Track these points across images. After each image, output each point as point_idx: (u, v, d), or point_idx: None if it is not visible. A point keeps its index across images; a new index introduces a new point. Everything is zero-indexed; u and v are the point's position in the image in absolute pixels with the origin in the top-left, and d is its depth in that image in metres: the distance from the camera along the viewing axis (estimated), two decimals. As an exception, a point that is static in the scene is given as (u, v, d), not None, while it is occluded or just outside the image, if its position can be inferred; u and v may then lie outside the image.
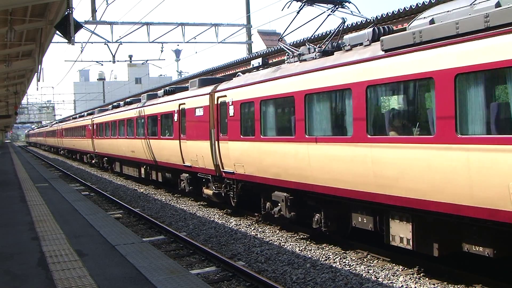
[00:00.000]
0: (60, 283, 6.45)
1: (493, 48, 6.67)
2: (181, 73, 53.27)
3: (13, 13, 14.32)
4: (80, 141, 38.71)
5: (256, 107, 12.16)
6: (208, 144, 14.77)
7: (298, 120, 10.67)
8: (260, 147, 12.00)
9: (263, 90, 11.94)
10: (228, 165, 13.66)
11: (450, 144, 7.25)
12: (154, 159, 20.42)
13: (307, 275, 8.85)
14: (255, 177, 12.36)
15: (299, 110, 10.60)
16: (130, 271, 6.95)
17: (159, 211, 16.35)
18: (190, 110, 16.24)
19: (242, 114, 12.87)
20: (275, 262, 9.77)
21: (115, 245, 8.50)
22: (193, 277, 6.71)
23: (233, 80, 14.08)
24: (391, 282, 8.41)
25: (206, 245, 11.37)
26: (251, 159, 12.39)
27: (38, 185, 18.71)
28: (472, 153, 6.94)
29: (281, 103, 11.64)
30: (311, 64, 10.44)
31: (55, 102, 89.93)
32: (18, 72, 26.01)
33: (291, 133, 11.01)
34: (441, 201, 7.47)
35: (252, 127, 12.37)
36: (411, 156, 7.91)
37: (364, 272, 9.00)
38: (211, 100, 14.72)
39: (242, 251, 10.76)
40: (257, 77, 12.52)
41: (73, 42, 12.50)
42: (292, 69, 11.07)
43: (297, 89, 10.64)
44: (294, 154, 10.72)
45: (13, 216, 11.69)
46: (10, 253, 8.12)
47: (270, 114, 11.97)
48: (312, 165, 10.21)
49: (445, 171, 7.34)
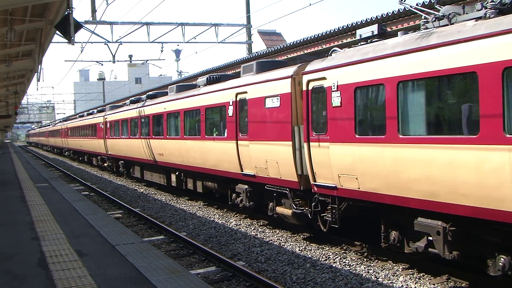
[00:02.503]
0: (60, 283, 6.45)
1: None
2: (181, 73, 53.28)
3: (13, 13, 14.31)
4: (89, 142, 34.60)
5: (388, 92, 8.39)
6: (288, 147, 11.00)
7: (487, 110, 6.86)
8: (395, 153, 8.25)
9: (403, 66, 8.10)
10: (326, 176, 9.89)
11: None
12: (193, 165, 16.39)
13: (307, 275, 8.86)
14: (381, 196, 8.66)
15: (489, 94, 6.83)
16: (130, 271, 6.95)
17: (159, 211, 16.35)
18: (255, 101, 12.29)
19: (358, 103, 9.12)
20: (275, 262, 9.78)
21: (115, 245, 8.51)
22: (193, 277, 6.71)
23: (332, 56, 10.09)
24: (391, 282, 8.42)
25: (206, 245, 11.37)
26: (375, 169, 8.66)
27: (38, 185, 18.70)
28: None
29: (445, 83, 7.70)
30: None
31: (55, 102, 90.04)
32: (18, 72, 26.00)
33: (465, 131, 7.27)
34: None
35: (380, 121, 8.70)
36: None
37: (364, 272, 9.00)
38: (294, 85, 10.93)
39: (242, 251, 10.76)
40: (384, 48, 8.65)
41: (73, 42, 12.50)
42: (466, 31, 7.28)
43: (485, 61, 6.86)
44: (474, 165, 6.99)
45: (13, 216, 11.68)
46: (10, 253, 8.12)
47: (419, 102, 8.04)
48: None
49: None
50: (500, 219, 6.77)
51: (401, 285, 8.28)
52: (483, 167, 6.88)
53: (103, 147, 29.96)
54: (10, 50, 19.01)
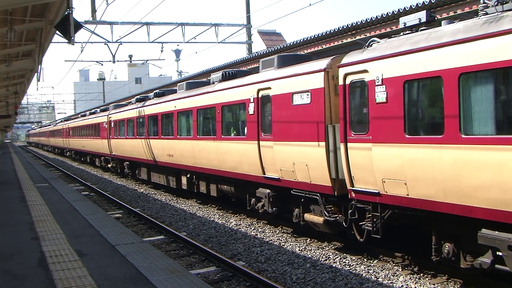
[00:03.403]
0: (60, 283, 6.45)
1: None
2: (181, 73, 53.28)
3: (13, 13, 14.32)
4: (92, 142, 33.51)
5: (447, 86, 7.35)
6: (320, 149, 10.03)
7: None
8: (456, 155, 7.25)
9: (467, 56, 7.09)
10: (367, 181, 8.91)
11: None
12: (206, 167, 15.29)
13: (307, 275, 8.86)
14: (435, 204, 7.68)
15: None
16: (130, 271, 6.95)
17: (159, 211, 16.35)
18: (280, 98, 11.28)
19: (408, 99, 8.13)
20: (275, 262, 9.77)
21: (115, 245, 8.51)
22: (193, 277, 6.71)
23: (374, 47, 9.00)
24: (391, 282, 8.42)
25: (206, 245, 11.37)
26: (429, 174, 7.70)
27: (38, 185, 18.70)
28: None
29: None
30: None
31: (55, 102, 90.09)
32: (18, 72, 26.01)
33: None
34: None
35: (436, 120, 7.78)
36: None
37: (364, 272, 9.00)
38: (327, 79, 9.98)
39: (242, 251, 10.76)
40: (440, 36, 7.65)
41: (73, 42, 12.50)
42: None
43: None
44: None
45: (13, 216, 11.68)
46: (10, 253, 8.12)
47: (487, 97, 7.01)
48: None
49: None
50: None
51: (401, 285, 8.28)
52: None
53: (107, 147, 29.01)
54: (10, 50, 19.01)
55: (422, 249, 9.06)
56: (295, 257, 10.04)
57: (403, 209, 8.44)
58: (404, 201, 8.18)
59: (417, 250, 9.39)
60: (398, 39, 8.59)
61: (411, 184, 7.98)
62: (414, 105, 8.13)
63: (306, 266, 9.43)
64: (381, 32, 12.91)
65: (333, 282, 8.47)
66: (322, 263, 9.63)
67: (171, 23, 26.31)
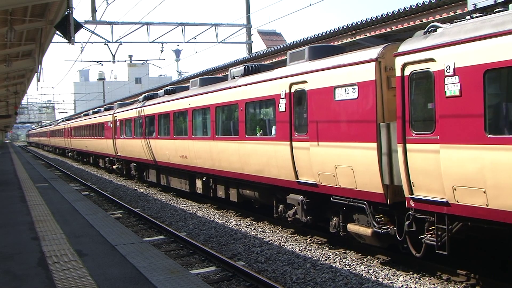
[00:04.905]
0: (60, 283, 6.46)
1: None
2: (181, 73, 53.30)
3: (13, 13, 14.32)
4: (96, 142, 32.11)
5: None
6: (371, 151, 8.79)
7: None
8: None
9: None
10: (431, 188, 7.66)
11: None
12: (227, 170, 13.97)
13: (307, 275, 8.86)
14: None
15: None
16: (130, 271, 6.95)
17: (159, 211, 16.35)
18: (319, 92, 10.03)
19: (490, 92, 6.96)
20: (275, 262, 9.78)
21: (115, 245, 8.51)
22: (193, 277, 6.71)
23: (441, 31, 7.67)
24: (391, 282, 8.42)
25: (206, 245, 11.38)
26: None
27: (38, 185, 18.71)
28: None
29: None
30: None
31: (55, 102, 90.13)
32: (18, 72, 26.01)
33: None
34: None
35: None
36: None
37: (364, 272, 9.00)
38: (379, 71, 8.74)
39: (242, 251, 10.76)
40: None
41: (73, 42, 12.51)
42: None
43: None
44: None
45: (13, 216, 11.69)
46: (10, 253, 8.12)
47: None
48: None
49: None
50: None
51: (401, 285, 8.28)
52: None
53: (112, 148, 27.61)
54: (10, 50, 19.02)
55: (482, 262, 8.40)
56: (295, 257, 10.04)
57: (478, 222, 7.20)
58: (481, 212, 6.96)
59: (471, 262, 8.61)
60: (471, 22, 7.29)
61: (492, 192, 6.73)
62: (497, 99, 6.92)
63: (306, 266, 9.43)
64: (381, 32, 12.88)
65: (333, 282, 8.47)
66: (322, 263, 9.64)
67: (171, 23, 26.31)
